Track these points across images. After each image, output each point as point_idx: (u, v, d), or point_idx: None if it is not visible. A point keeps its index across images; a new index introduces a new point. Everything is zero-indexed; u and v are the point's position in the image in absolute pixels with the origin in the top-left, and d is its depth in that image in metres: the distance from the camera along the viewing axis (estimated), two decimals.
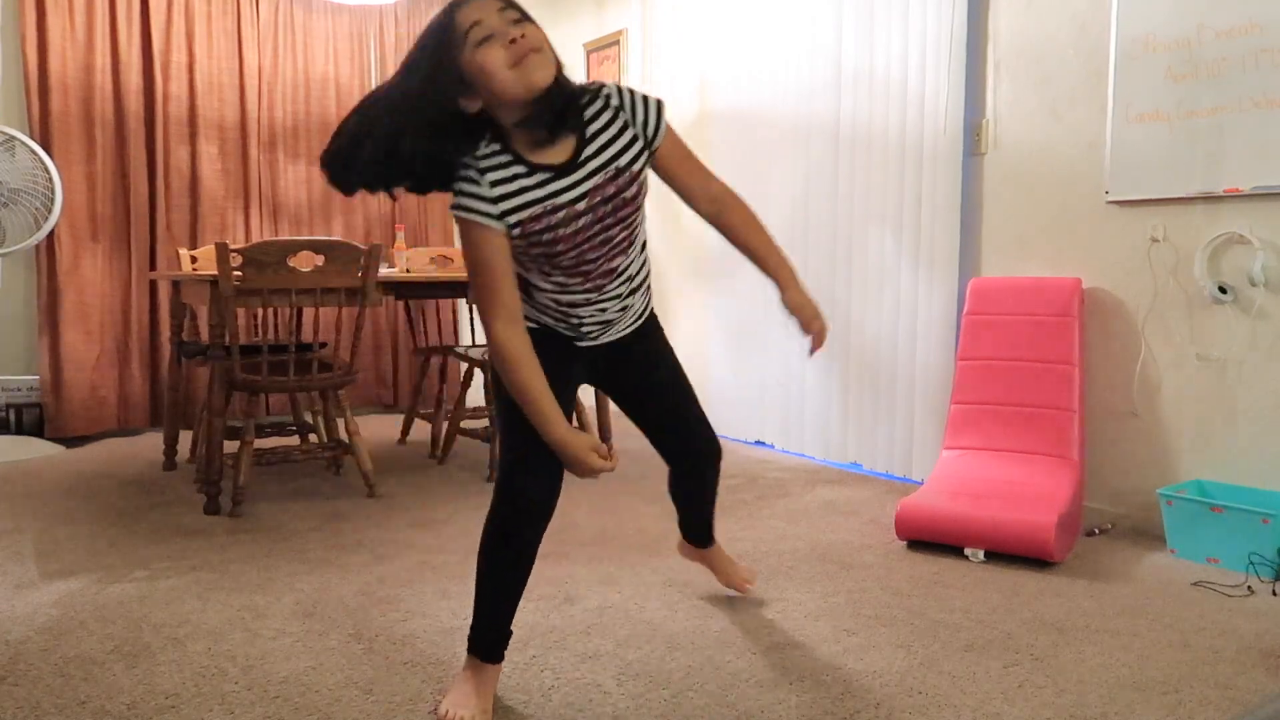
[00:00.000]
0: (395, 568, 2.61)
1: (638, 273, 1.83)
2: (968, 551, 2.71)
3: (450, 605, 2.32)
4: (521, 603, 2.32)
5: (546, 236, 1.63)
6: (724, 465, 3.56)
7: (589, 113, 1.67)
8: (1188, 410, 2.93)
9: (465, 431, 3.96)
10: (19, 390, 4.47)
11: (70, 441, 4.46)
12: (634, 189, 1.70)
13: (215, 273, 3.08)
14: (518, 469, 1.73)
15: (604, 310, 1.80)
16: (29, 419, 4.48)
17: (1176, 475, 2.95)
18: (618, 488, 3.58)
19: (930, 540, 2.79)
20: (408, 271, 4.06)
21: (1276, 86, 2.68)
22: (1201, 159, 2.85)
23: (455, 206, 1.60)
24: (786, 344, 4.22)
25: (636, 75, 5.15)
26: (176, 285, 3.81)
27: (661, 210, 5.07)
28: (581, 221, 1.65)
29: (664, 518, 3.13)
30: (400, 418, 5.12)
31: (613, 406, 4.93)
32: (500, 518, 1.75)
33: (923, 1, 3.53)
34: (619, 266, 1.76)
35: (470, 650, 1.80)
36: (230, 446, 3.63)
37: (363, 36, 5.30)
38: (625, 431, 4.67)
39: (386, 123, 1.56)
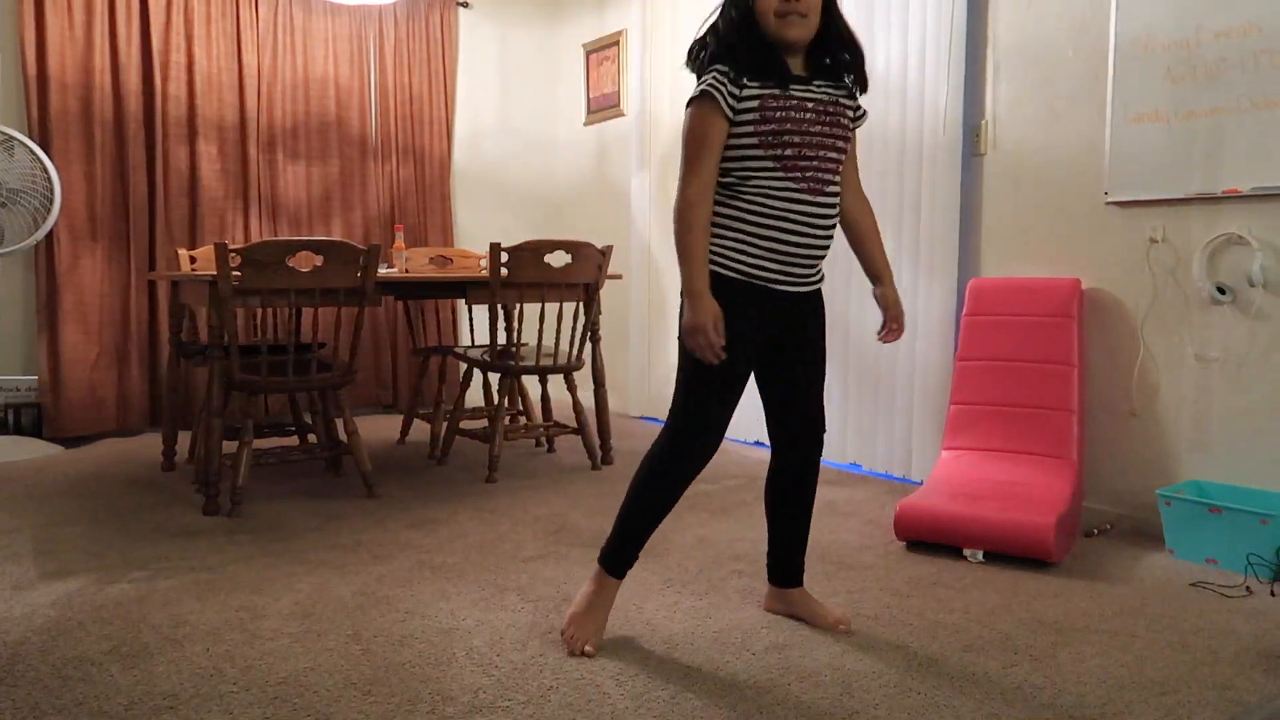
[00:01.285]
0: (394, 568, 2.61)
1: (835, 210, 2.04)
2: (967, 552, 2.71)
3: (449, 606, 2.32)
4: (519, 602, 2.33)
5: (779, 114, 1.92)
6: (724, 465, 3.55)
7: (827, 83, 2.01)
8: (1186, 411, 2.93)
9: (464, 432, 3.96)
10: (17, 390, 4.47)
11: (69, 442, 4.46)
12: (846, 124, 2.02)
13: (214, 273, 3.08)
14: (703, 409, 2.03)
15: (814, 229, 1.99)
16: (27, 419, 4.48)
17: (1175, 476, 2.95)
18: (617, 488, 3.57)
19: (929, 541, 2.79)
20: (407, 272, 4.06)
21: (1275, 87, 2.69)
22: (1200, 160, 2.85)
23: (700, 84, 1.96)
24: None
25: (636, 76, 5.15)
26: (175, 285, 3.81)
27: (662, 209, 5.07)
28: (808, 114, 1.95)
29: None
30: (399, 418, 5.11)
31: (615, 406, 4.95)
32: (672, 457, 2.07)
33: (922, 2, 3.53)
34: (828, 178, 1.99)
35: (604, 565, 2.10)
36: (229, 447, 3.63)
37: (362, 37, 5.30)
38: (624, 432, 4.67)
39: (709, 22, 2.06)
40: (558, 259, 3.74)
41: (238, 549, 2.79)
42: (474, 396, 5.20)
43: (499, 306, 3.66)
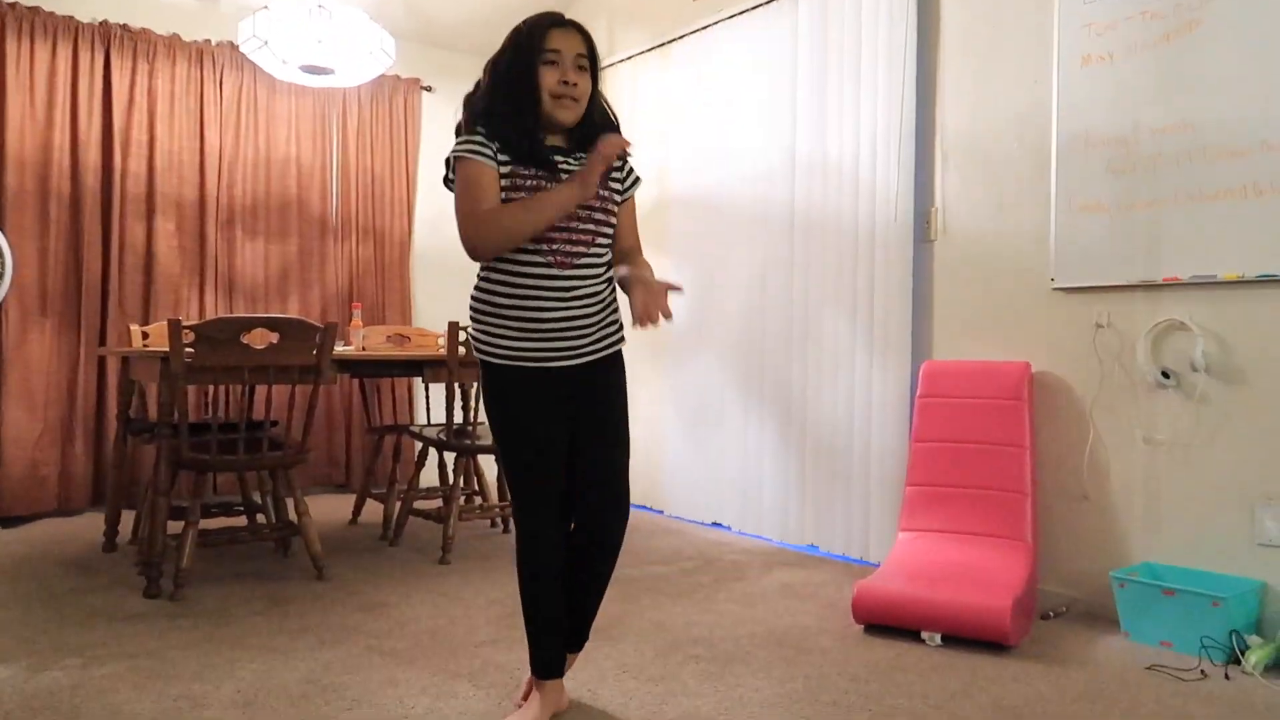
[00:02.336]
0: (341, 654, 2.53)
1: (596, 281, 2.07)
2: (925, 635, 2.69)
3: (398, 693, 2.25)
4: (471, 690, 2.27)
5: (530, 185, 1.98)
6: (680, 548, 3.53)
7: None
8: (1137, 493, 2.97)
9: (418, 512, 3.89)
10: None
11: (6, 522, 4.30)
12: (607, 199, 2.09)
13: (167, 349, 3.04)
14: (525, 511, 2.06)
15: (566, 302, 2.01)
16: None
17: (1128, 558, 2.98)
18: None
19: (887, 624, 2.77)
20: (363, 350, 4.03)
21: (1208, 181, 2.80)
22: (1142, 249, 2.95)
23: (459, 146, 2.00)
24: (744, 426, 4.24)
25: None
26: (126, 361, 3.74)
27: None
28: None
29: (617, 601, 3.08)
30: (352, 498, 5.01)
31: None
32: (525, 553, 2.07)
33: (873, 95, 3.66)
34: (581, 254, 2.03)
35: (538, 674, 2.10)
36: (174, 527, 3.53)
37: (325, 118, 5.36)
38: None
39: (488, 70, 2.08)
40: None
41: (179, 634, 2.69)
42: (429, 476, 5.12)
43: (455, 385, 3.64)
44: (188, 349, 3.05)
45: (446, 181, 2.05)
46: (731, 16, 4.37)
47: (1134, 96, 2.98)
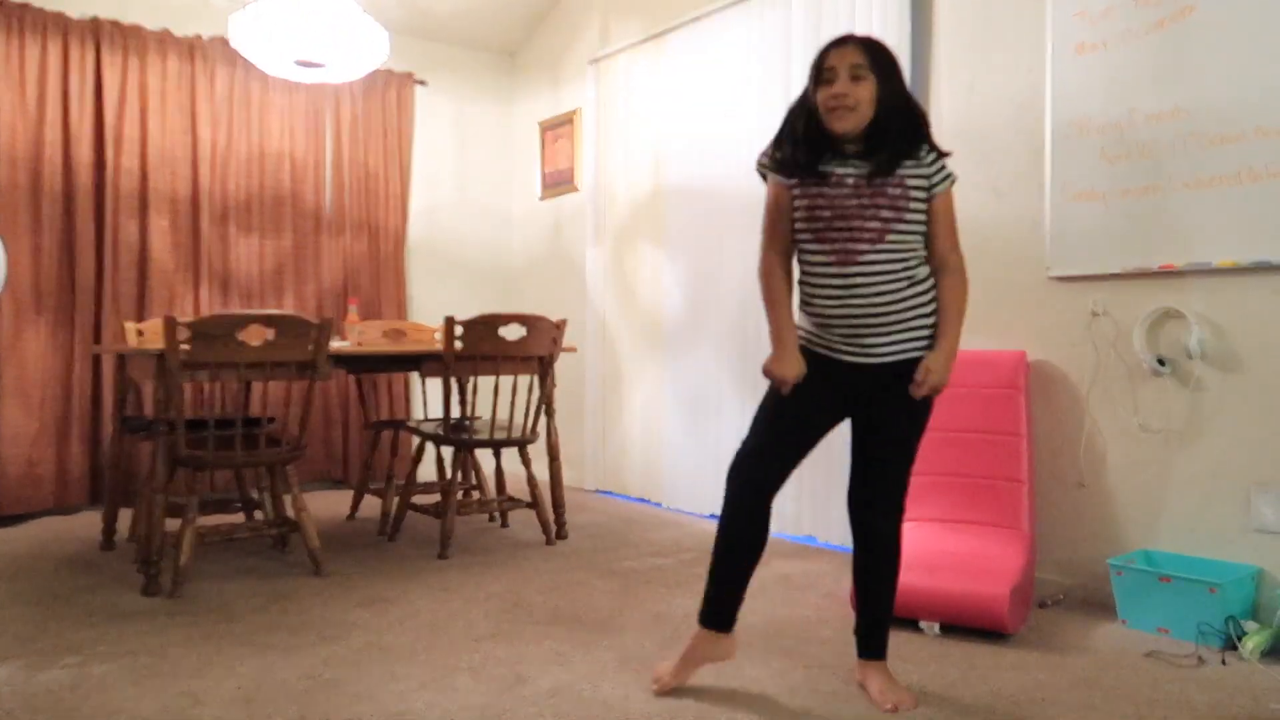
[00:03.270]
0: (341, 649, 2.54)
1: (887, 279, 2.09)
2: (923, 624, 2.70)
3: (399, 688, 2.25)
4: (471, 683, 2.27)
5: (814, 189, 2.12)
6: (679, 539, 3.56)
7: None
8: (1133, 480, 2.98)
9: (416, 507, 3.89)
10: None
11: (3, 521, 4.30)
12: (893, 195, 2.08)
13: (163, 346, 3.03)
14: (753, 455, 2.17)
15: (848, 298, 2.10)
16: None
17: (1125, 545, 2.99)
18: (572, 563, 3.53)
19: None
20: (360, 345, 4.03)
21: (1204, 167, 2.80)
22: (1137, 236, 2.95)
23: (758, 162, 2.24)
24: (741, 417, 4.24)
25: (590, 152, 5.24)
26: (122, 359, 3.73)
27: (615, 284, 5.11)
28: (844, 189, 2.09)
29: (618, 594, 3.09)
30: (349, 493, 5.02)
31: (570, 480, 4.90)
32: (729, 492, 2.19)
33: None
34: (861, 249, 2.08)
35: (704, 624, 2.23)
36: (172, 524, 3.53)
37: (319, 113, 5.34)
38: (579, 506, 4.63)
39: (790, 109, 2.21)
40: (512, 332, 3.74)
41: (179, 631, 2.69)
42: (426, 471, 5.13)
43: (453, 379, 3.64)
44: (183, 346, 3.04)
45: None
46: (726, 7, 4.36)
47: (1128, 84, 2.98)
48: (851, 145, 2.11)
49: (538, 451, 4.10)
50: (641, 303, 4.94)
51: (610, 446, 5.15)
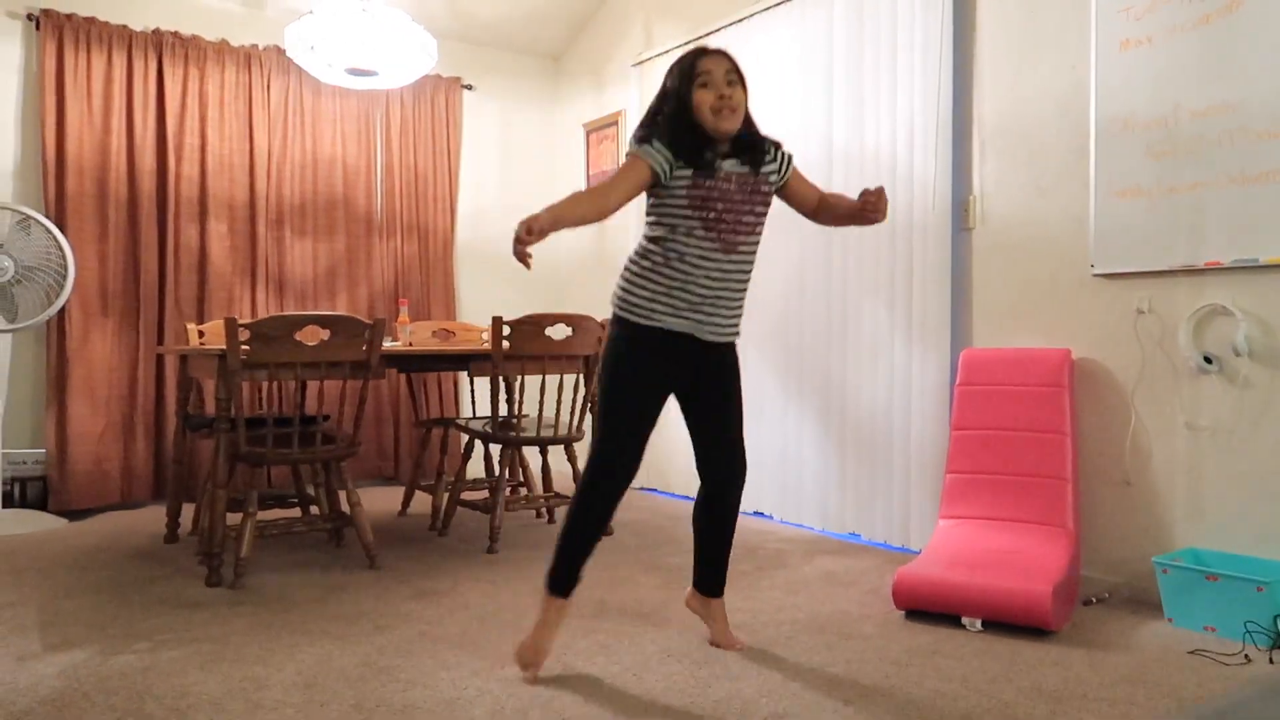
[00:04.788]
0: (395, 638, 2.63)
1: (747, 274, 2.42)
2: (965, 621, 2.72)
3: (450, 676, 2.33)
4: (519, 671, 2.34)
5: (707, 185, 2.30)
6: None
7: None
8: (1179, 478, 2.97)
9: (465, 503, 3.98)
10: (25, 463, 4.51)
11: (73, 515, 4.48)
12: (765, 193, 2.41)
13: (224, 347, 3.15)
14: (616, 447, 2.37)
15: (723, 282, 2.36)
16: (33, 492, 4.51)
17: (1171, 543, 2.97)
18: (617, 558, 3.59)
19: (928, 610, 2.80)
20: (410, 345, 4.13)
21: (1251, 163, 2.79)
22: (1183, 233, 2.94)
23: (638, 143, 2.35)
24: (784, 416, 4.27)
25: None
26: (184, 359, 3.87)
27: None
28: (730, 185, 2.33)
29: (662, 588, 3.15)
30: (401, 490, 5.14)
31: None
32: (589, 483, 2.36)
33: (909, 84, 3.67)
34: (741, 241, 2.36)
35: (547, 586, 2.37)
36: (232, 519, 3.66)
37: (369, 118, 5.47)
38: (623, 503, 4.69)
39: (652, 107, 2.41)
40: (558, 332, 3.82)
41: (241, 620, 2.80)
42: (475, 468, 5.23)
43: (500, 379, 3.72)
44: (243, 346, 3.16)
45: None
46: (767, 9, 4.39)
47: (1173, 79, 2.96)
48: (721, 145, 2.33)
49: (583, 449, 4.17)
50: None
51: (654, 444, 5.18)
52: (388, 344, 3.92)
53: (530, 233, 2.10)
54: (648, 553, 3.69)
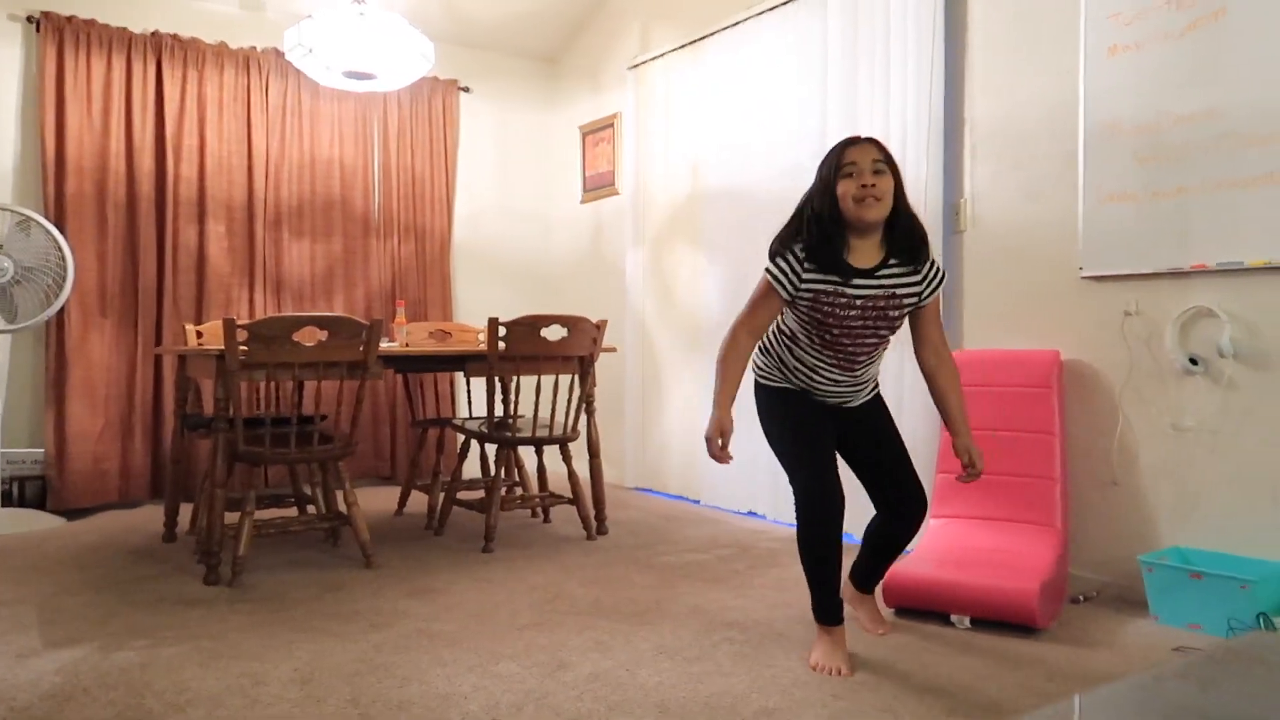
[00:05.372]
0: (392, 636, 2.66)
1: (871, 375, 2.52)
2: (954, 618, 2.76)
3: (446, 672, 2.37)
4: (515, 669, 2.38)
5: (826, 308, 2.32)
6: (716, 535, 3.64)
7: (899, 261, 2.39)
8: (1166, 478, 3.01)
9: (461, 503, 4.02)
10: (23, 463, 4.54)
11: (72, 514, 4.51)
12: (893, 315, 2.38)
13: (222, 347, 3.18)
14: (807, 473, 2.38)
15: (838, 384, 2.46)
16: (32, 491, 4.54)
17: (1157, 542, 3.02)
18: (612, 558, 3.63)
19: (917, 607, 2.84)
20: (407, 346, 4.17)
21: (1236, 168, 2.83)
22: (1169, 237, 2.98)
23: (773, 263, 2.36)
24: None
25: (630, 156, 5.34)
26: (183, 359, 3.90)
27: (654, 285, 5.20)
28: (854, 311, 2.34)
29: (656, 587, 3.18)
30: (397, 490, 5.17)
31: (610, 478, 5.01)
32: (807, 515, 2.38)
33: (902, 88, 3.71)
34: (861, 358, 2.42)
35: (820, 620, 2.42)
36: (230, 518, 3.69)
37: (367, 120, 5.50)
38: (619, 503, 4.73)
39: (801, 203, 2.43)
40: (554, 333, 3.85)
41: (239, 618, 2.83)
42: (471, 468, 5.27)
43: (496, 379, 3.76)
44: (241, 347, 3.19)
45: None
46: (762, 13, 4.43)
47: (1161, 85, 3.01)
48: (865, 244, 2.33)
49: (579, 449, 4.21)
50: (680, 304, 5.02)
51: (649, 445, 5.24)
52: (385, 344, 3.96)
53: (723, 434, 2.29)
54: (643, 552, 3.73)
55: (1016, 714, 2.10)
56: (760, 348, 2.53)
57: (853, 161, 2.29)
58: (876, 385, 2.62)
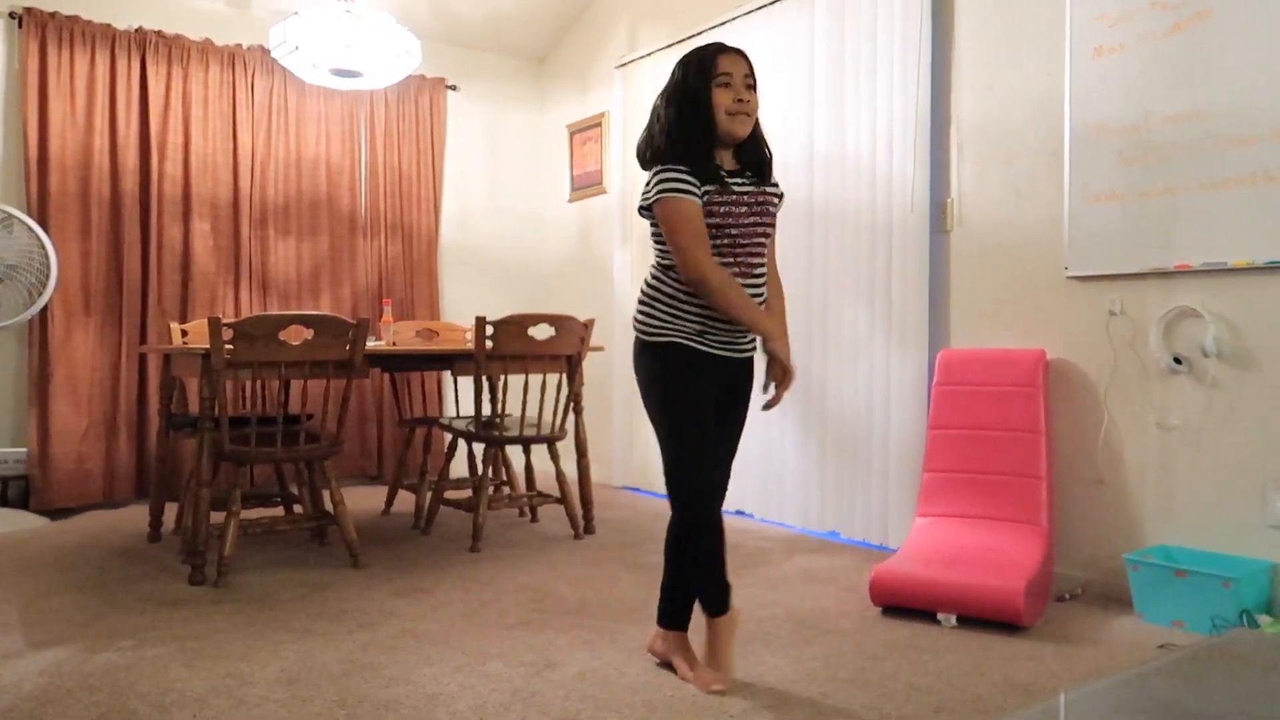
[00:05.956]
0: (378, 636, 2.65)
1: (765, 282, 2.34)
2: (940, 616, 2.77)
3: (432, 671, 2.36)
4: (502, 668, 2.37)
5: (723, 210, 2.21)
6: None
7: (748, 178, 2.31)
8: (1150, 477, 3.03)
9: (449, 502, 4.01)
10: (6, 462, 4.50)
11: (55, 514, 4.47)
12: (772, 211, 2.33)
13: (207, 346, 3.16)
14: (686, 467, 2.30)
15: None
16: (14, 491, 4.50)
17: (1142, 540, 3.03)
18: (599, 557, 3.63)
19: (904, 606, 2.85)
20: (394, 345, 4.15)
21: (1220, 169, 2.85)
22: (1154, 237, 3.00)
23: (664, 183, 2.19)
24: (765, 416, 4.32)
25: (617, 155, 5.34)
26: (167, 358, 3.88)
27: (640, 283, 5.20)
28: (743, 208, 2.25)
29: (643, 586, 3.18)
30: (384, 489, 5.15)
31: (598, 477, 5.00)
32: (690, 516, 2.35)
33: (889, 88, 3.72)
34: (758, 264, 2.29)
35: (669, 626, 2.37)
36: (216, 518, 3.67)
37: (353, 119, 5.48)
38: (607, 502, 4.73)
39: (659, 105, 2.32)
40: (541, 332, 3.85)
41: (224, 618, 2.82)
42: (458, 467, 5.26)
43: (484, 378, 3.75)
44: (227, 346, 3.17)
45: (642, 210, 2.27)
46: (750, 11, 4.43)
47: (1146, 86, 3.02)
48: (724, 154, 2.27)
49: (566, 448, 4.21)
50: None
51: (637, 444, 5.24)
52: (371, 343, 3.94)
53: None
54: (630, 551, 3.73)
55: (1003, 711, 2.11)
56: (642, 299, 2.31)
57: (727, 72, 2.20)
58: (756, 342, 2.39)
